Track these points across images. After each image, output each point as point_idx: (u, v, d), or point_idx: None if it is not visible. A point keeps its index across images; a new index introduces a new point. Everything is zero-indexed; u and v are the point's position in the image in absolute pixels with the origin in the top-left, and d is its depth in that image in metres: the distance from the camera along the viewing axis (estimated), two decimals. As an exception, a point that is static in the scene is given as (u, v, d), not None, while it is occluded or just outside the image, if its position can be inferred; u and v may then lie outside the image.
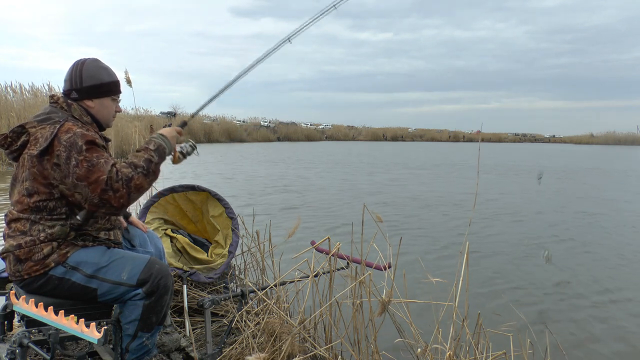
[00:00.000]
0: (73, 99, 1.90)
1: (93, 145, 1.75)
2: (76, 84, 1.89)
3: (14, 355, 1.67)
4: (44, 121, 1.78)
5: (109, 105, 1.98)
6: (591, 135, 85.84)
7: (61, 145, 1.71)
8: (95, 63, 1.94)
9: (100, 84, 1.92)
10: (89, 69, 1.90)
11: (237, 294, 2.54)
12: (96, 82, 1.91)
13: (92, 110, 1.93)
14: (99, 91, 1.92)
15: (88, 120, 1.91)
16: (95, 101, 1.93)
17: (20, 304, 1.65)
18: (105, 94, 1.94)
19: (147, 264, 1.89)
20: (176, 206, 3.32)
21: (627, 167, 24.19)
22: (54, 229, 1.78)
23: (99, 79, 1.92)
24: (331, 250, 2.40)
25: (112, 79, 1.97)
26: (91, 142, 1.74)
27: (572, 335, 3.75)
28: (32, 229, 1.77)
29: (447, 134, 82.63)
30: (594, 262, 5.86)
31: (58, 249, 1.80)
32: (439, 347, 2.01)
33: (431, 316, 2.23)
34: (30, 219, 1.77)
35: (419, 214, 8.96)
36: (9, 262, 1.80)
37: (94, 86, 1.90)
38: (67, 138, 1.72)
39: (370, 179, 15.10)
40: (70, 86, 1.90)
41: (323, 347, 2.32)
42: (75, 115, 1.87)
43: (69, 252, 1.82)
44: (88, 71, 1.90)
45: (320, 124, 73.50)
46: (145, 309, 1.87)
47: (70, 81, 1.91)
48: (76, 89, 1.89)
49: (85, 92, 1.90)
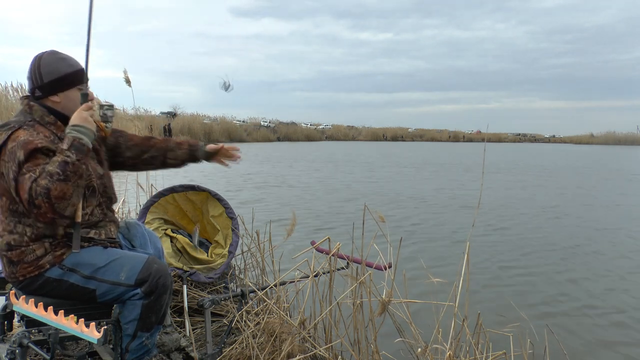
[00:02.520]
0: (37, 97, 1.83)
1: (33, 153, 1.65)
2: (37, 82, 1.81)
3: (14, 355, 1.67)
4: (2, 127, 1.74)
5: (76, 96, 1.84)
6: (591, 135, 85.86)
7: (5, 154, 1.67)
8: (53, 55, 1.84)
9: (60, 77, 1.82)
10: (47, 64, 1.82)
11: (237, 294, 2.54)
12: (56, 75, 1.81)
13: (58, 107, 1.84)
14: (61, 84, 1.83)
15: (51, 120, 1.82)
16: (60, 95, 1.84)
17: (20, 304, 1.65)
18: (68, 86, 1.84)
19: (145, 264, 1.87)
20: (176, 206, 3.32)
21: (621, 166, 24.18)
22: (39, 224, 1.74)
23: (59, 71, 1.82)
24: (331, 250, 2.40)
25: (73, 68, 1.86)
26: (31, 151, 1.65)
27: (573, 335, 3.75)
28: (17, 227, 1.75)
29: (447, 134, 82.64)
30: (593, 262, 5.86)
31: (52, 251, 1.77)
32: (439, 347, 2.01)
33: (431, 316, 2.23)
34: (11, 218, 1.76)
35: (413, 213, 8.96)
36: (4, 265, 1.79)
37: (54, 80, 1.81)
38: (11, 148, 1.66)
39: (369, 178, 15.11)
40: (32, 84, 1.83)
41: (323, 347, 2.31)
42: (36, 117, 1.80)
43: (65, 253, 1.79)
44: (46, 66, 1.81)
45: (321, 124, 73.53)
46: (144, 308, 1.86)
47: (31, 79, 1.83)
48: (38, 87, 1.82)
49: (48, 88, 1.82)
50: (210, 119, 49.16)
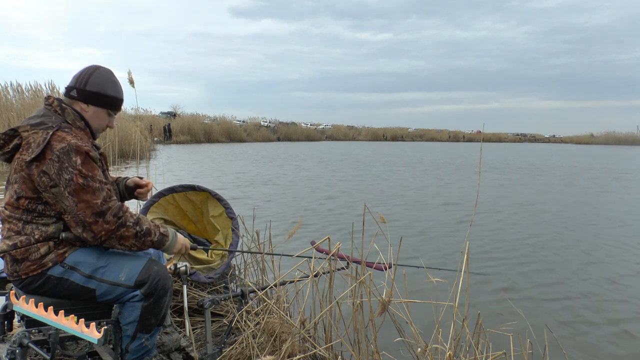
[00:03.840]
0: (71, 96, 1.90)
1: (87, 158, 1.76)
2: (80, 84, 1.89)
3: (14, 355, 1.67)
4: (37, 125, 1.77)
5: (103, 117, 1.96)
6: (591, 135, 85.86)
7: (54, 154, 1.71)
8: (107, 74, 1.94)
9: (102, 94, 1.91)
10: (98, 76, 1.91)
11: (237, 294, 2.54)
12: (100, 90, 1.91)
13: (85, 115, 1.92)
14: (98, 100, 1.91)
15: (82, 125, 1.90)
16: (90, 107, 1.92)
17: (20, 304, 1.65)
18: (103, 105, 1.93)
19: (145, 265, 1.88)
20: (176, 206, 3.32)
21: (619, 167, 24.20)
22: (48, 227, 1.79)
23: (104, 89, 1.92)
24: (331, 250, 2.41)
25: (117, 94, 1.96)
26: (86, 154, 1.75)
27: (572, 335, 3.75)
28: (26, 228, 1.78)
29: (447, 134, 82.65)
30: (594, 262, 5.86)
31: (55, 249, 1.80)
32: (439, 347, 2.01)
33: (431, 316, 2.23)
34: (22, 219, 1.78)
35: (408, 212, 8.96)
36: (7, 263, 1.81)
37: (95, 93, 1.90)
38: (61, 148, 1.72)
39: (370, 178, 15.11)
40: (75, 84, 1.90)
41: (323, 346, 2.32)
42: (69, 120, 1.86)
43: (67, 252, 1.82)
44: (97, 78, 1.91)
45: (321, 124, 73.54)
46: (144, 310, 1.87)
47: (76, 79, 1.91)
48: (78, 89, 1.89)
49: (85, 95, 1.89)
50: (210, 119, 49.18)
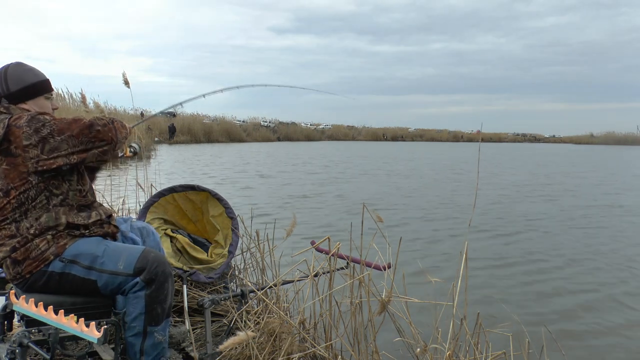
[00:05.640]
0: (7, 104, 1.89)
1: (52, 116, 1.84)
2: (4, 91, 1.89)
3: (14, 355, 1.67)
4: None
5: (44, 104, 1.97)
6: (591, 135, 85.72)
7: (23, 127, 1.75)
8: (18, 67, 1.94)
9: (27, 86, 1.91)
10: (12, 74, 1.91)
11: (237, 294, 2.55)
12: (23, 84, 1.90)
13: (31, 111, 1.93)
14: (28, 93, 1.92)
15: None
16: (29, 103, 1.92)
17: (20, 303, 1.65)
18: (35, 95, 1.94)
19: (142, 253, 1.91)
20: (176, 206, 3.32)
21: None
22: (41, 219, 1.79)
23: (25, 81, 1.91)
24: (331, 250, 2.41)
25: (39, 78, 1.96)
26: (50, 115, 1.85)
27: (572, 335, 3.76)
28: (20, 228, 1.78)
29: (446, 133, 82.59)
30: (593, 262, 5.87)
31: (55, 242, 1.81)
32: (439, 347, 2.01)
33: (431, 316, 2.23)
34: (14, 219, 1.78)
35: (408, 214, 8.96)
36: (7, 268, 1.81)
37: (21, 89, 1.90)
38: (26, 119, 1.77)
39: (369, 179, 15.11)
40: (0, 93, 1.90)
41: (322, 346, 2.32)
42: (16, 115, 1.86)
43: (67, 243, 1.83)
44: (12, 76, 1.90)
45: (320, 123, 73.48)
46: (147, 299, 1.87)
47: None
48: (5, 96, 1.89)
49: (16, 96, 1.90)
50: (210, 119, 49.13)
